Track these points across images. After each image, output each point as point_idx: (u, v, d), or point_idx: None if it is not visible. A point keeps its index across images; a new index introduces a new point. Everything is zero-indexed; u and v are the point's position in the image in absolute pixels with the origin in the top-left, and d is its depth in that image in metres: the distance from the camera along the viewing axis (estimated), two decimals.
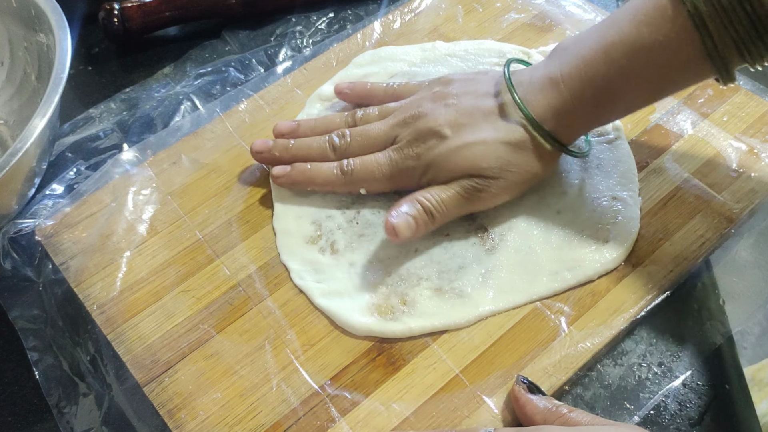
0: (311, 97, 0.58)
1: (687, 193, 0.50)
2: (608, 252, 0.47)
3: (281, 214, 0.50)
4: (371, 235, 0.49)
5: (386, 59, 0.59)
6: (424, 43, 0.60)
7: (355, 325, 0.45)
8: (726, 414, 0.43)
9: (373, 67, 0.59)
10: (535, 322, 0.45)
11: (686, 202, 0.49)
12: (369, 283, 0.47)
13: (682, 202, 0.49)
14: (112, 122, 0.59)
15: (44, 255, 0.50)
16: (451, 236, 0.48)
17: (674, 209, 0.49)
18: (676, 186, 0.50)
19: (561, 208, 0.49)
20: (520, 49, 0.59)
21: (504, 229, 0.48)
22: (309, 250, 0.49)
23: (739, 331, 0.44)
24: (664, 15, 0.41)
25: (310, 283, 0.47)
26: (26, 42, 0.57)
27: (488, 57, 0.58)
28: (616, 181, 0.50)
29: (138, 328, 0.46)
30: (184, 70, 0.62)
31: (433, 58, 0.59)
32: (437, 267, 0.47)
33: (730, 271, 0.47)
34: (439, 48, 0.60)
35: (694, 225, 0.48)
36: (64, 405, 0.44)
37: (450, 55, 0.59)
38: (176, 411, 0.42)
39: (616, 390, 0.43)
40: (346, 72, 0.59)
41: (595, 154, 0.52)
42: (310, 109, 0.57)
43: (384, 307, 0.46)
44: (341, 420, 0.42)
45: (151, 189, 0.53)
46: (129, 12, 0.63)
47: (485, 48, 0.59)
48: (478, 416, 0.41)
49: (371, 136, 0.49)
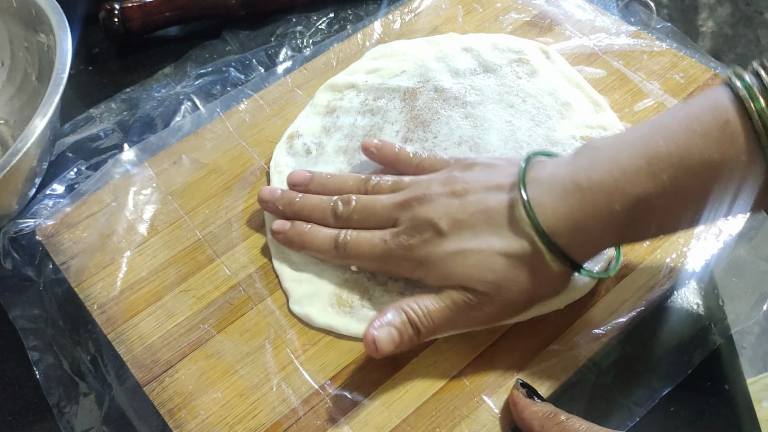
0: (322, 87, 0.57)
1: None
2: (575, 280, 0.44)
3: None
4: None
5: (399, 53, 0.59)
6: (438, 36, 0.60)
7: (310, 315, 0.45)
8: (726, 414, 0.43)
9: (386, 61, 0.59)
10: (536, 322, 0.45)
11: None
12: (337, 275, 0.47)
13: None
14: (113, 122, 0.59)
15: (45, 255, 0.50)
16: None
17: None
18: None
19: None
20: (537, 45, 0.59)
21: None
22: None
23: (739, 331, 0.44)
24: (725, 130, 0.35)
25: (285, 267, 0.48)
26: (27, 42, 0.57)
27: (506, 52, 0.58)
28: None
29: (138, 327, 0.46)
30: (184, 70, 0.62)
31: (447, 53, 0.59)
32: None
33: (730, 271, 0.47)
34: (453, 41, 0.59)
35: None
36: (64, 405, 0.44)
37: (466, 50, 0.59)
38: (177, 410, 0.43)
39: (616, 390, 0.43)
40: (360, 64, 0.59)
41: None
42: (318, 100, 0.57)
43: (344, 300, 0.46)
44: (341, 419, 0.42)
45: (152, 189, 0.53)
46: (129, 12, 0.63)
47: (502, 43, 0.59)
48: (478, 416, 0.42)
49: (374, 212, 0.45)
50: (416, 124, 0.54)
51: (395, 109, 0.55)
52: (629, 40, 0.60)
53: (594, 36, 0.60)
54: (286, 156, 0.53)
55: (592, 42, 0.60)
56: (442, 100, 0.55)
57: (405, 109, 0.55)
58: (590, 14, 0.62)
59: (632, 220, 0.38)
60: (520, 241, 0.40)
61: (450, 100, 0.55)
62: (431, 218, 0.42)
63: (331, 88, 0.57)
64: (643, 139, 0.38)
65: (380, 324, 0.40)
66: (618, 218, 0.38)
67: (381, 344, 0.40)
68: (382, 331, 0.40)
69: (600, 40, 0.60)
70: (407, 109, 0.55)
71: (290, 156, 0.53)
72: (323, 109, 0.56)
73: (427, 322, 0.41)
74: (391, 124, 0.54)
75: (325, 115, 0.56)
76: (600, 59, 0.58)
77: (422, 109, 0.55)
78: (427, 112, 0.55)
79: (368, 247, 0.44)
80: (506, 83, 0.56)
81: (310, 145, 0.54)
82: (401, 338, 0.40)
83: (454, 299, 0.41)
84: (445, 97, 0.56)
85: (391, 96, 0.56)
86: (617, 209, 0.38)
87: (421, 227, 0.43)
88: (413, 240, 0.43)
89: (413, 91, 0.56)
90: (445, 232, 0.42)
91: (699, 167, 0.36)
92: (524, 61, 0.58)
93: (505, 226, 0.40)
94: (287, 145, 0.54)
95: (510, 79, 0.57)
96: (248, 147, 0.55)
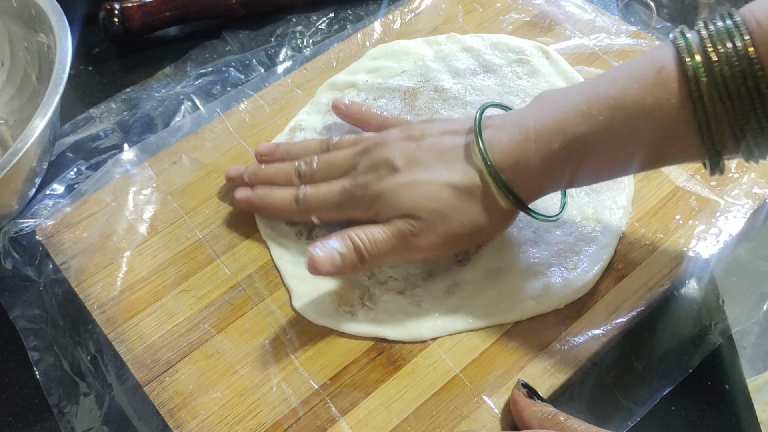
0: (323, 86, 0.58)
1: (687, 193, 0.50)
2: (575, 280, 0.45)
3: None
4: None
5: (400, 53, 0.59)
6: (437, 36, 0.60)
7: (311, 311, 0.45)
8: (726, 414, 0.43)
9: (386, 61, 0.59)
10: (536, 322, 0.45)
11: (686, 202, 0.49)
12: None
13: (681, 202, 0.49)
14: (113, 122, 0.59)
15: (45, 255, 0.50)
16: None
17: (674, 209, 0.49)
18: (675, 186, 0.50)
19: (538, 226, 0.48)
20: (537, 45, 0.59)
21: None
22: (287, 233, 0.49)
23: (739, 331, 0.44)
24: (659, 75, 0.37)
25: (287, 263, 0.48)
26: (27, 42, 0.57)
27: (506, 52, 0.58)
28: (605, 203, 0.49)
29: (138, 327, 0.46)
30: (184, 70, 0.62)
31: (448, 53, 0.59)
32: (408, 269, 0.47)
33: (730, 271, 0.47)
34: (454, 41, 0.59)
35: (693, 224, 0.48)
36: (64, 405, 0.44)
37: (466, 50, 0.59)
38: (177, 410, 0.43)
39: (616, 390, 0.43)
40: (360, 64, 0.59)
41: None
42: (319, 99, 0.57)
43: (345, 299, 0.46)
44: (341, 419, 0.42)
45: (152, 189, 0.53)
46: (129, 12, 0.63)
47: (502, 43, 0.59)
48: (478, 416, 0.42)
49: (334, 164, 0.47)
50: None
51: (395, 108, 0.55)
52: (629, 40, 0.60)
53: (594, 36, 0.60)
54: None
55: (592, 42, 0.60)
56: (442, 100, 0.56)
57: (405, 109, 0.55)
58: (590, 14, 0.62)
59: (570, 159, 0.40)
60: (470, 174, 0.42)
61: (450, 100, 0.55)
62: (387, 157, 0.44)
63: (332, 87, 0.58)
64: (587, 84, 0.41)
65: (323, 246, 0.42)
66: (557, 157, 0.40)
67: (320, 264, 0.42)
68: (325, 252, 0.42)
69: (600, 40, 0.60)
70: (407, 109, 0.55)
71: None
72: (324, 107, 0.56)
73: (372, 248, 0.43)
74: None
75: (326, 113, 0.56)
76: (600, 59, 0.58)
77: (422, 109, 0.55)
78: (427, 112, 0.55)
79: (328, 196, 0.46)
80: (506, 83, 0.56)
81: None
82: (343, 262, 0.42)
83: (399, 227, 0.43)
84: (445, 97, 0.56)
85: (392, 95, 0.56)
86: (556, 147, 0.40)
87: (377, 165, 0.45)
88: (369, 177, 0.45)
89: (413, 91, 0.56)
90: (399, 168, 0.44)
91: (632, 109, 0.38)
92: (524, 61, 0.58)
93: (456, 161, 0.43)
94: (289, 136, 0.54)
95: (510, 79, 0.57)
96: (248, 147, 0.55)
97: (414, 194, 0.43)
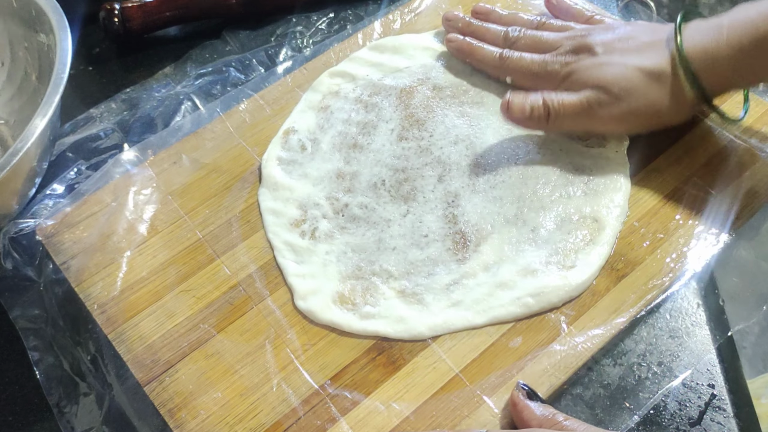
0: (323, 75, 0.58)
1: (687, 193, 0.50)
2: (573, 279, 0.45)
3: (268, 196, 0.51)
4: (353, 230, 0.49)
5: (400, 48, 0.59)
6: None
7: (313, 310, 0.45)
8: (726, 414, 0.43)
9: (388, 56, 0.59)
10: (535, 322, 0.45)
11: (686, 202, 0.49)
12: (339, 271, 0.47)
13: (681, 201, 0.49)
14: (113, 122, 0.59)
15: (45, 255, 0.50)
16: (429, 237, 0.48)
17: (674, 208, 0.49)
18: (675, 186, 0.50)
19: (536, 225, 0.48)
20: None
21: (480, 238, 0.48)
22: (291, 232, 0.49)
23: (739, 331, 0.44)
24: None
25: (289, 262, 0.48)
26: (27, 42, 0.57)
27: None
28: (602, 202, 0.49)
29: (138, 327, 0.46)
30: (184, 70, 0.62)
31: (446, 52, 0.58)
32: (409, 267, 0.47)
33: (730, 271, 0.47)
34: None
35: (693, 224, 0.48)
36: (64, 404, 0.44)
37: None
38: (177, 410, 0.43)
39: (616, 390, 0.43)
40: (360, 54, 0.59)
41: (589, 168, 0.50)
42: (318, 85, 0.57)
43: (347, 298, 0.46)
44: (341, 419, 0.42)
45: (152, 189, 0.53)
46: (129, 12, 0.63)
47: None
48: (478, 416, 0.42)
49: (541, 40, 0.53)
50: (411, 122, 0.54)
51: (390, 106, 0.55)
52: None
53: None
54: (281, 151, 0.54)
55: None
56: (439, 99, 0.56)
57: (400, 107, 0.55)
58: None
59: (759, 57, 0.44)
60: (662, 61, 0.47)
61: (446, 98, 0.56)
62: (589, 43, 0.50)
63: (330, 75, 0.58)
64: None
65: (519, 95, 0.49)
66: (747, 54, 0.44)
67: (513, 107, 0.49)
68: (518, 99, 0.49)
69: None
70: (402, 107, 0.55)
71: (285, 151, 0.54)
72: (317, 104, 0.56)
73: (560, 109, 0.49)
74: (386, 122, 0.54)
75: (319, 111, 0.56)
76: None
77: (417, 108, 0.55)
78: (422, 111, 0.55)
79: (529, 62, 0.53)
80: (506, 83, 0.56)
81: (305, 141, 0.54)
82: (531, 113, 0.49)
83: (588, 96, 0.49)
84: (442, 96, 0.56)
85: (387, 93, 0.56)
86: (746, 44, 0.44)
87: (579, 49, 0.51)
88: (569, 58, 0.51)
89: (410, 89, 0.56)
90: (598, 53, 0.50)
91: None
92: None
93: (651, 51, 0.48)
94: (282, 140, 0.54)
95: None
96: (248, 147, 0.55)
97: (607, 72, 0.48)
